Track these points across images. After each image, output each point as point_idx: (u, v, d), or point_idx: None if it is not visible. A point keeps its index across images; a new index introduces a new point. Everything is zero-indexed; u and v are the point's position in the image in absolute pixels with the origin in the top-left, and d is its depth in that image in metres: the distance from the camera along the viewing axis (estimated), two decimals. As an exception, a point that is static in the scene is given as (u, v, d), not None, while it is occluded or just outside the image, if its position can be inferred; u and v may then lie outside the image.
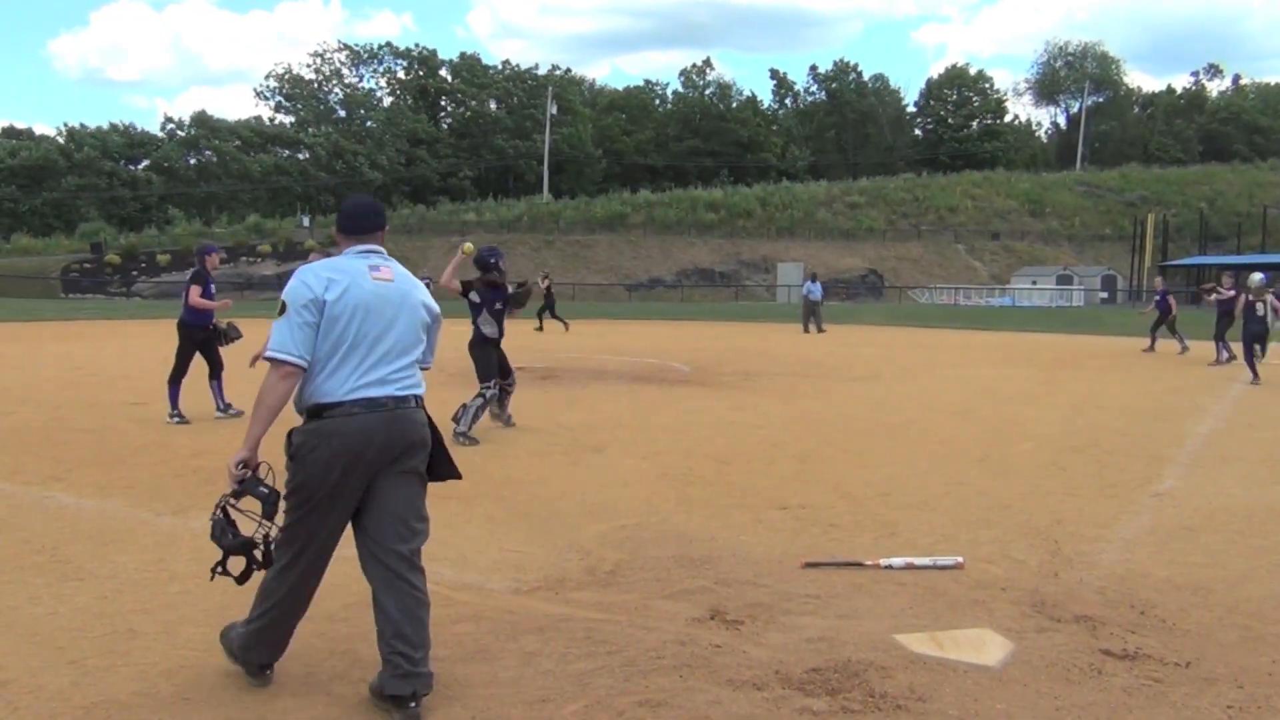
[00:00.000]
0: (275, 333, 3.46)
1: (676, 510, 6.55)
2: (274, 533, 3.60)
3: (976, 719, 3.46)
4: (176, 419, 10.13)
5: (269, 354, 3.46)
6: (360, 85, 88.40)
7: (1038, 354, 21.72)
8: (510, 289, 9.96)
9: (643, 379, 15.34)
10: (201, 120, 79.63)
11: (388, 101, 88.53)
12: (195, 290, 10.34)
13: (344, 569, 5.15)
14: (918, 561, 5.27)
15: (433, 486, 3.82)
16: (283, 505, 3.52)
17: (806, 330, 28.66)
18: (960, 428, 10.56)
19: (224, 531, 3.56)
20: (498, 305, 9.74)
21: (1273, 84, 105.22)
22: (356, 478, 3.50)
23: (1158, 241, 70.60)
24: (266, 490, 3.50)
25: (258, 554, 3.60)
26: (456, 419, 9.26)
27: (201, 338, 10.51)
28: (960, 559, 5.30)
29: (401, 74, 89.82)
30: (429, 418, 3.78)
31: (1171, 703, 3.61)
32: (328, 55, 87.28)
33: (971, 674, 3.85)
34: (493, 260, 9.75)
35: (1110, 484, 7.60)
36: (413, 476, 3.69)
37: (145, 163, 77.44)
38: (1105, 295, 65.23)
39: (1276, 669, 3.93)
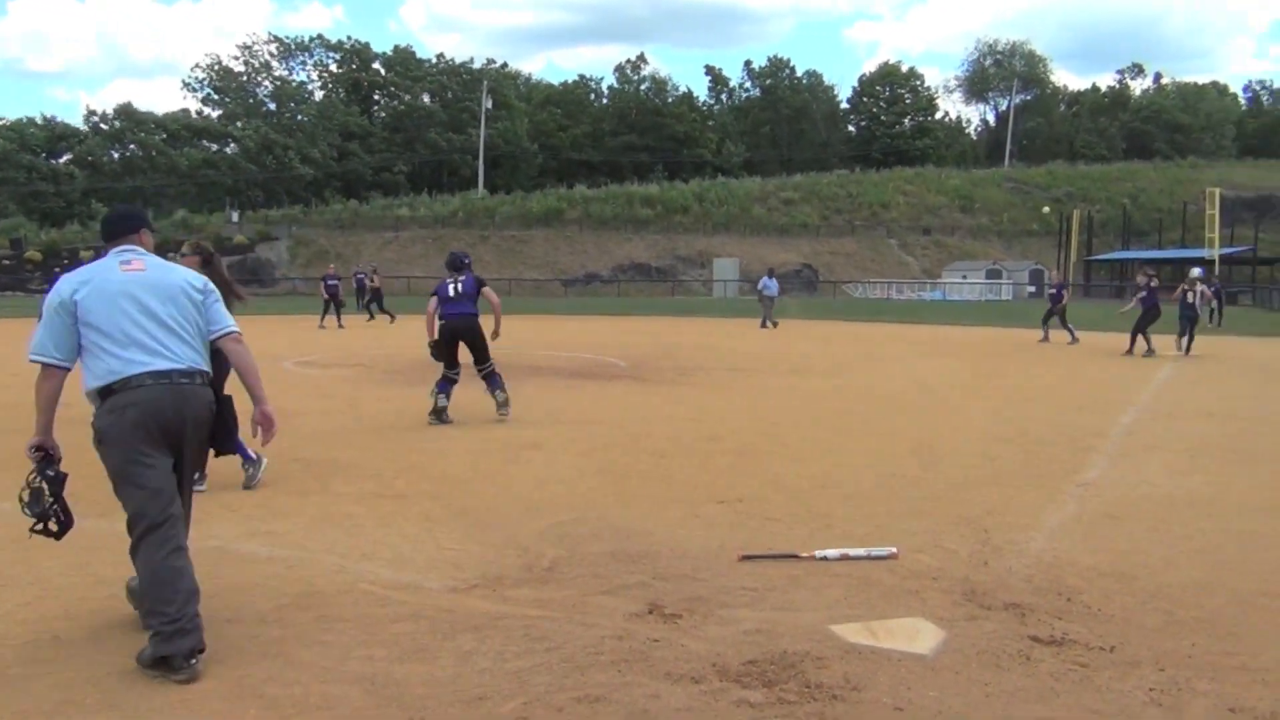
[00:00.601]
0: (34, 337, 3.89)
1: (614, 505, 6.56)
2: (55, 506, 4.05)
3: (910, 706, 3.51)
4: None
5: (30, 357, 3.87)
6: (291, 78, 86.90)
7: (968, 347, 22.12)
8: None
9: (580, 375, 15.32)
10: (127, 113, 77.57)
11: (319, 95, 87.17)
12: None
13: (274, 570, 5.10)
14: (852, 553, 5.34)
15: (369, 485, 3.79)
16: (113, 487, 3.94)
17: (764, 325, 28.60)
18: (894, 420, 10.71)
19: (36, 500, 4.06)
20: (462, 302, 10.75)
21: (1192, 83, 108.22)
22: (158, 439, 3.86)
23: (1083, 237, 72.32)
24: (53, 473, 4.03)
25: (52, 525, 4.07)
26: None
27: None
28: (894, 549, 5.38)
29: (333, 67, 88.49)
30: (217, 392, 4.14)
31: (1096, 687, 3.70)
32: (257, 47, 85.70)
33: (905, 662, 3.92)
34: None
35: (1038, 474, 7.76)
36: (192, 447, 4.04)
37: (67, 156, 75.35)
38: (1033, 289, 66.56)
39: (1196, 652, 4.06)
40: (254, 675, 3.75)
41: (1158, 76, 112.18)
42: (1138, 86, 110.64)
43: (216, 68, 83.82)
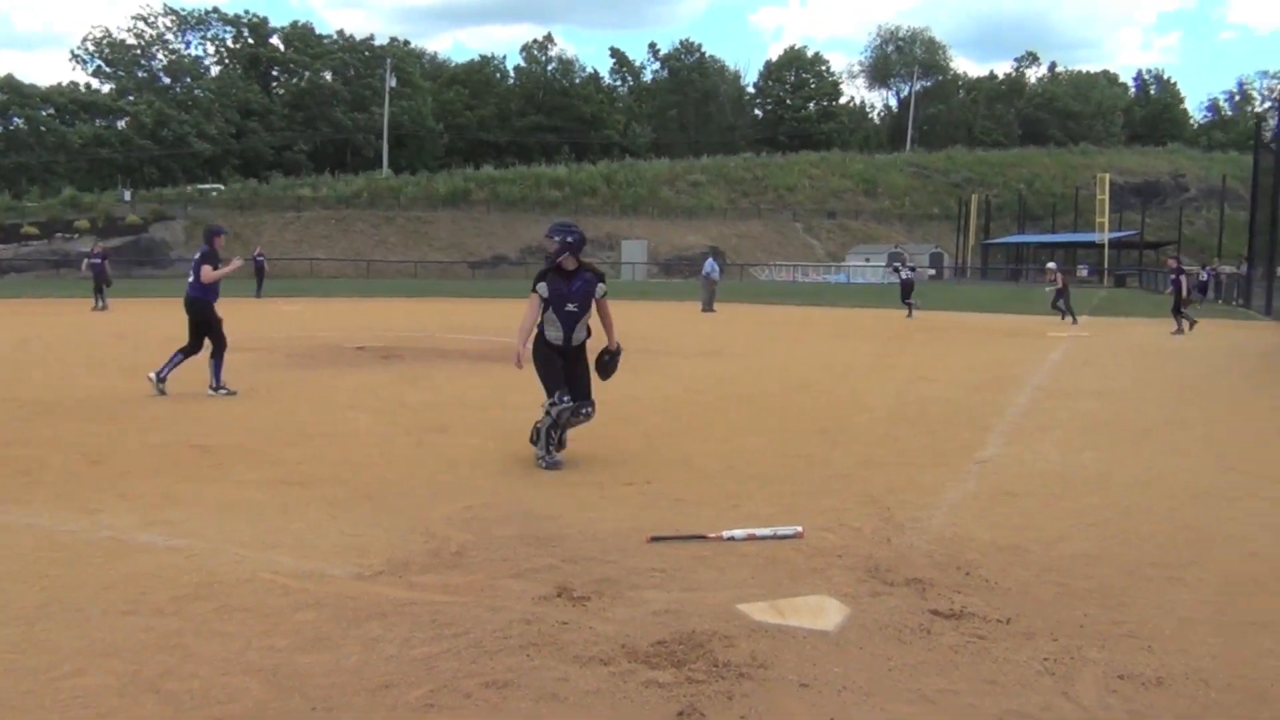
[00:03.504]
0: None
1: (523, 489, 6.52)
2: None
3: (815, 683, 3.57)
4: (223, 391, 10.74)
5: None
6: (186, 52, 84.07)
7: (872, 329, 22.55)
8: (599, 285, 7.30)
9: (488, 358, 15.19)
10: (10, 85, 74.08)
11: (216, 70, 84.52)
12: (208, 269, 10.77)
13: (171, 559, 4.95)
14: (759, 532, 5.40)
15: (271, 472, 3.68)
16: None
17: (708, 310, 28.28)
18: (801, 401, 10.87)
19: None
20: (570, 306, 7.18)
21: (1083, 72, 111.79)
22: None
23: (980, 221, 74.27)
24: None
25: None
26: (533, 441, 7.37)
27: (208, 315, 10.92)
28: (800, 528, 5.46)
29: (230, 41, 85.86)
30: None
31: (994, 658, 3.82)
32: (151, 19, 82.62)
33: (810, 639, 3.98)
34: (557, 237, 7.18)
35: (939, 452, 7.96)
36: None
37: (-55, 131, 71.92)
38: (933, 272, 68.14)
39: (1088, 622, 4.20)
40: (150, 669, 3.63)
41: (1051, 65, 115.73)
42: (1033, 75, 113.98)
43: (107, 40, 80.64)
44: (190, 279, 10.97)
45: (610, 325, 7.54)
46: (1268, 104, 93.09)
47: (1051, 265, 24.66)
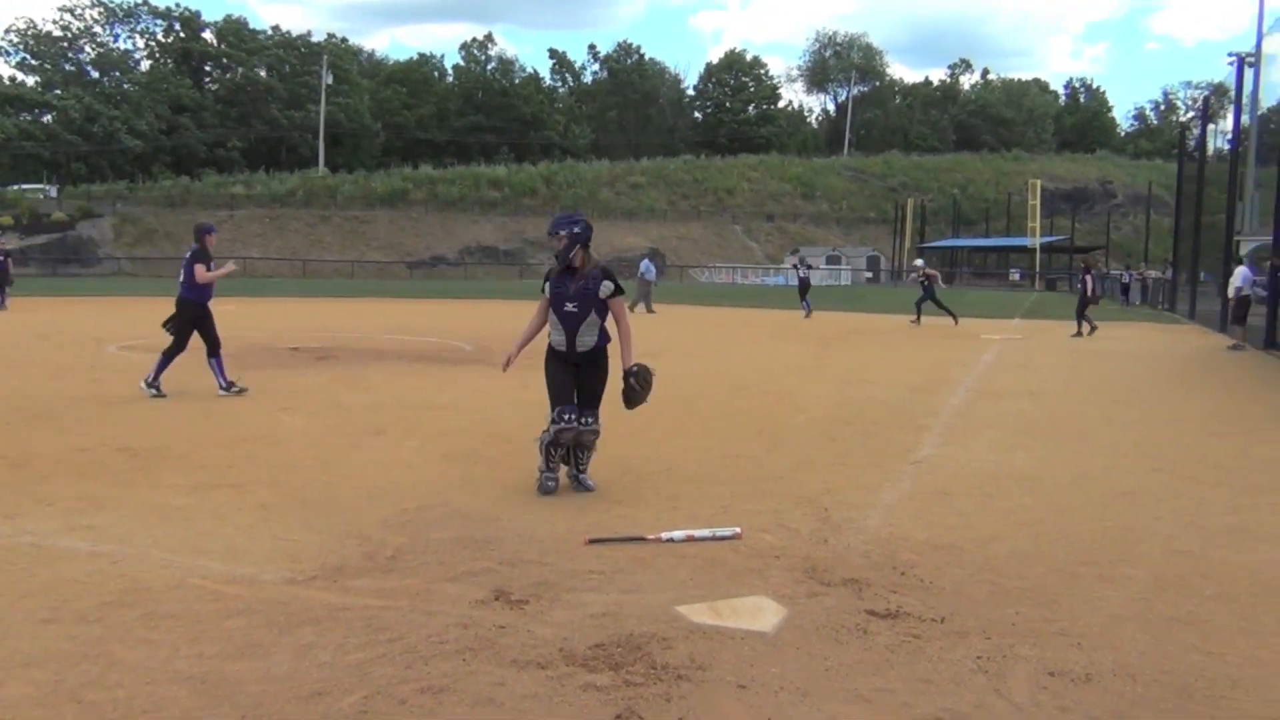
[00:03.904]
0: None
1: (460, 492, 6.46)
2: None
3: (753, 684, 3.58)
4: (154, 392, 10.34)
5: None
6: (115, 46, 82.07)
7: (810, 331, 22.74)
8: (603, 283, 6.40)
9: (425, 358, 15.04)
10: (-72, 77, 71.86)
11: (146, 65, 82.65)
12: (201, 268, 10.48)
13: (95, 565, 4.81)
14: (697, 534, 5.40)
15: (201, 476, 3.59)
16: None
17: (648, 310, 28.05)
18: (739, 402, 10.91)
19: None
20: (568, 306, 6.38)
21: (1015, 80, 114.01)
22: None
23: (917, 225, 75.39)
24: None
25: None
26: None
27: (200, 314, 10.64)
28: (738, 529, 5.47)
29: (161, 35, 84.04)
30: None
31: (929, 656, 3.86)
32: (78, 11, 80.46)
33: (748, 640, 3.99)
34: (563, 230, 6.42)
35: (875, 453, 8.04)
36: None
37: None
38: (870, 275, 69.03)
39: (1020, 620, 4.27)
40: (72, 679, 3.52)
41: (984, 72, 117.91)
42: (966, 81, 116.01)
43: (31, 31, 78.42)
44: (181, 279, 10.62)
45: (626, 335, 6.52)
46: (1191, 114, 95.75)
47: (919, 263, 25.22)
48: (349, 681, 3.53)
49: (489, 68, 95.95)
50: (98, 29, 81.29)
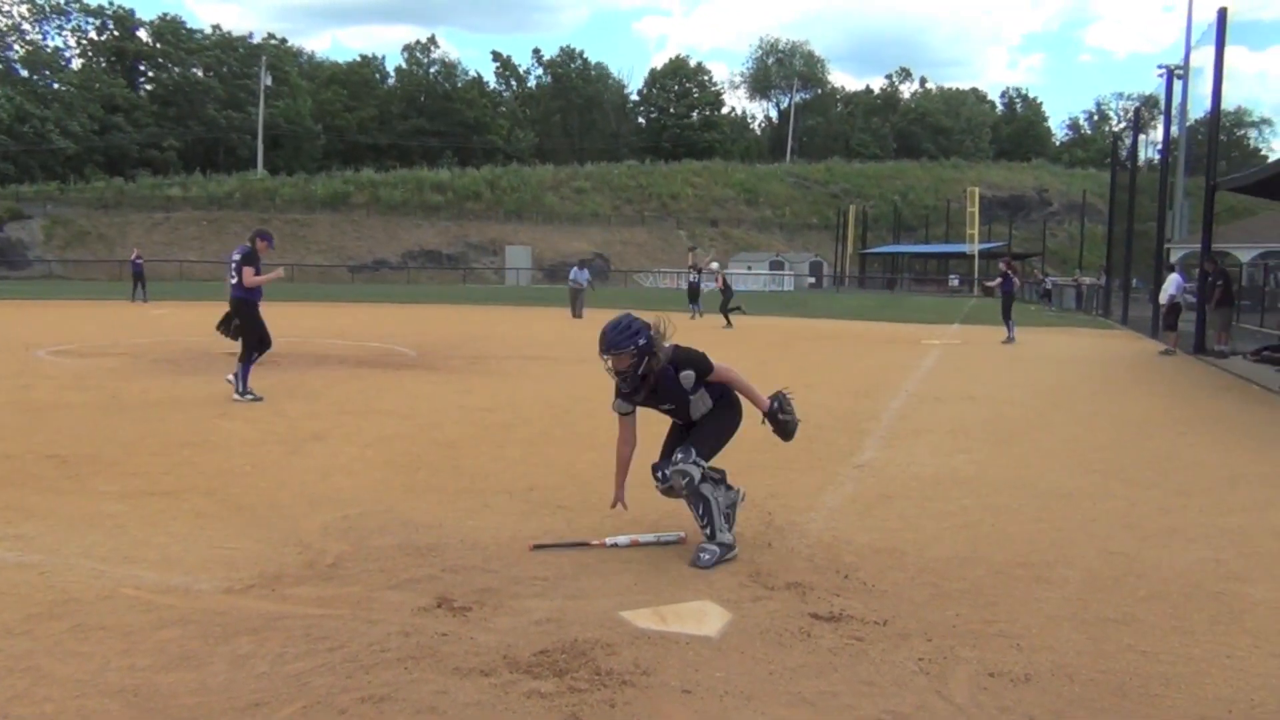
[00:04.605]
0: None
1: (403, 498, 6.38)
2: None
3: (698, 688, 3.57)
4: (251, 397, 10.45)
5: None
6: (45, 43, 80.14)
7: (753, 335, 22.87)
8: (681, 377, 5.35)
9: (367, 364, 14.88)
10: None
11: (78, 63, 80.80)
12: (249, 270, 10.66)
13: (22, 576, 4.67)
14: (642, 539, 5.39)
15: (134, 483, 3.51)
16: None
17: (577, 315, 27.69)
18: (682, 407, 10.91)
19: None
20: (664, 408, 5.55)
21: (953, 89, 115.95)
22: None
23: (858, 231, 76.25)
24: None
25: None
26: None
27: (252, 314, 10.75)
28: (682, 534, 5.47)
29: (93, 33, 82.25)
30: None
31: (871, 659, 3.88)
32: (5, 9, 78.45)
33: (693, 645, 3.98)
34: (629, 347, 5.23)
35: (818, 457, 8.09)
36: None
37: None
38: (813, 280, 69.64)
39: (960, 622, 4.32)
40: (-3, 694, 3.41)
41: (923, 81, 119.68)
42: (906, 90, 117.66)
43: (-43, 28, 76.36)
44: (233, 280, 10.76)
45: (745, 390, 5.46)
46: (1123, 124, 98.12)
47: (714, 265, 25.62)
48: (288, 692, 3.46)
49: (432, 71, 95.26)
50: (26, 26, 79.38)
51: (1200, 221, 21.71)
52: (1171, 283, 20.55)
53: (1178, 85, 29.67)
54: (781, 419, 5.51)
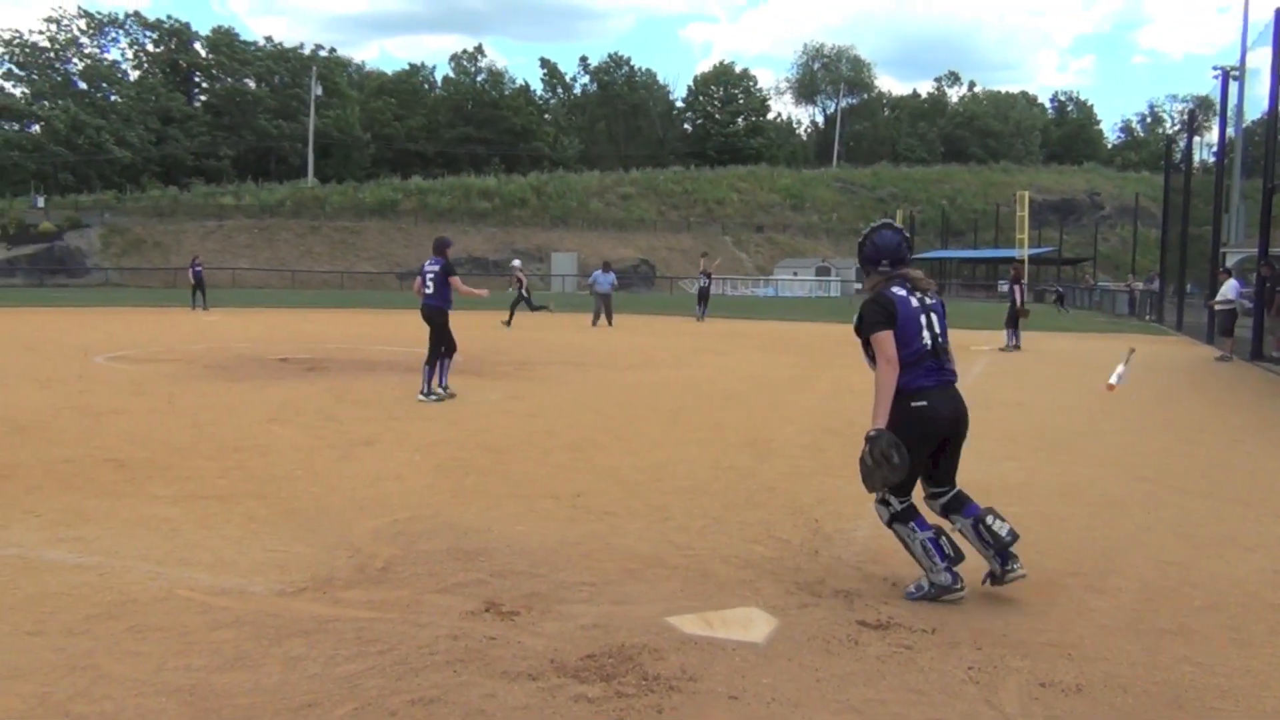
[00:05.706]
0: None
1: (451, 502, 6.44)
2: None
3: (744, 695, 3.57)
4: (441, 393, 11.48)
5: None
6: (103, 56, 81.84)
7: (799, 341, 22.77)
8: None
9: (415, 370, 14.96)
10: (-85, 88, 71.42)
11: (135, 75, 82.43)
12: (457, 280, 11.73)
13: (82, 578, 4.78)
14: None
15: (189, 487, 3.57)
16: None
17: (595, 323, 26.61)
18: (728, 413, 10.91)
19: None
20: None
21: (1002, 92, 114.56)
22: None
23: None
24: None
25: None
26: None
27: (446, 322, 11.67)
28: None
29: (150, 46, 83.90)
30: None
31: (920, 667, 3.86)
32: (64, 22, 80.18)
33: (740, 651, 3.98)
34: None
35: (865, 464, 8.02)
36: None
37: None
38: (859, 286, 69.03)
39: (1010, 631, 4.27)
40: (60, 691, 3.50)
41: (972, 85, 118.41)
42: (954, 94, 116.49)
43: (18, 42, 78.15)
44: (429, 290, 11.61)
45: (876, 388, 5.23)
46: (1177, 127, 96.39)
47: (516, 263, 26.48)
48: (339, 693, 3.52)
49: (479, 79, 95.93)
50: (85, 40, 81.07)
51: (1257, 225, 21.26)
52: (1229, 288, 20.15)
53: (1234, 86, 29.05)
54: (863, 459, 4.80)
